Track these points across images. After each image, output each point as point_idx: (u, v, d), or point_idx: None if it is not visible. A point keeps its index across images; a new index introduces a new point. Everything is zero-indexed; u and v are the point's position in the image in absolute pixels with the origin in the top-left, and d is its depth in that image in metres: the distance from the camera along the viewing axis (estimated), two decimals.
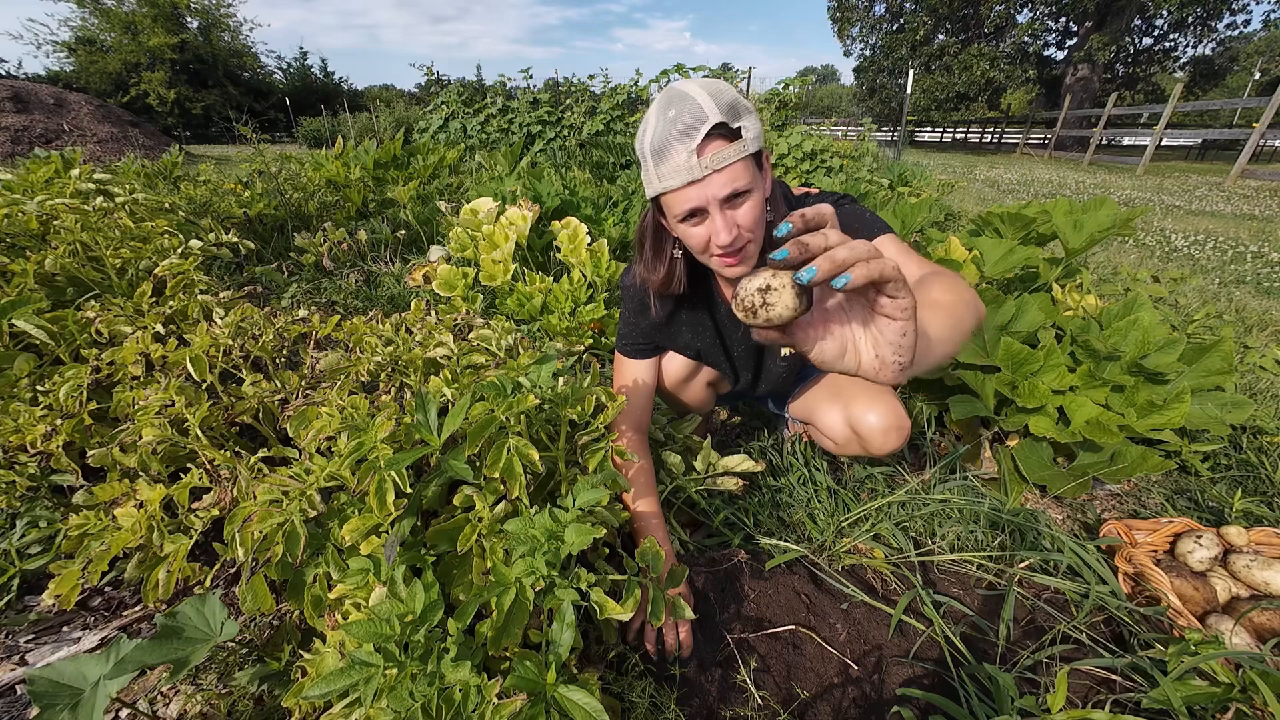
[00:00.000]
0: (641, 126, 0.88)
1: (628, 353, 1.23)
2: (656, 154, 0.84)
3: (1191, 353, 1.44)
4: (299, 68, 30.06)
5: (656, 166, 0.85)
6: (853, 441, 1.22)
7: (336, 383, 1.20)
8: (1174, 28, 19.31)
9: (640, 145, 0.87)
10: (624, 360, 1.23)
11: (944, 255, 1.66)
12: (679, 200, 0.86)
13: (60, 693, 0.65)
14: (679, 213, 0.88)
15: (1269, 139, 9.31)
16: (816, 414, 1.31)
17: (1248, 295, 3.02)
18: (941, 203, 4.69)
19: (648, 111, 0.87)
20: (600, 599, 0.75)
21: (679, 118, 0.81)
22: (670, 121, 0.81)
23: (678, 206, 0.87)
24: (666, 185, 0.85)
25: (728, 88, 0.84)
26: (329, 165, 4.05)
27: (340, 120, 15.87)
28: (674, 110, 0.81)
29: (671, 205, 0.88)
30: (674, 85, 0.86)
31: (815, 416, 1.31)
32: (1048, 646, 1.02)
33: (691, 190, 0.84)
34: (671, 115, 0.81)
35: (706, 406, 1.42)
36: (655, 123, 0.83)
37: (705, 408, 1.43)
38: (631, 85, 7.00)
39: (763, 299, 0.46)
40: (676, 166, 0.83)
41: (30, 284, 1.53)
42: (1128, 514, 1.42)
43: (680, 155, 0.82)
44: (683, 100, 0.81)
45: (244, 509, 0.85)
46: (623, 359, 1.24)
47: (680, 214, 0.88)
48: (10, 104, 8.56)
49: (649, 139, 0.84)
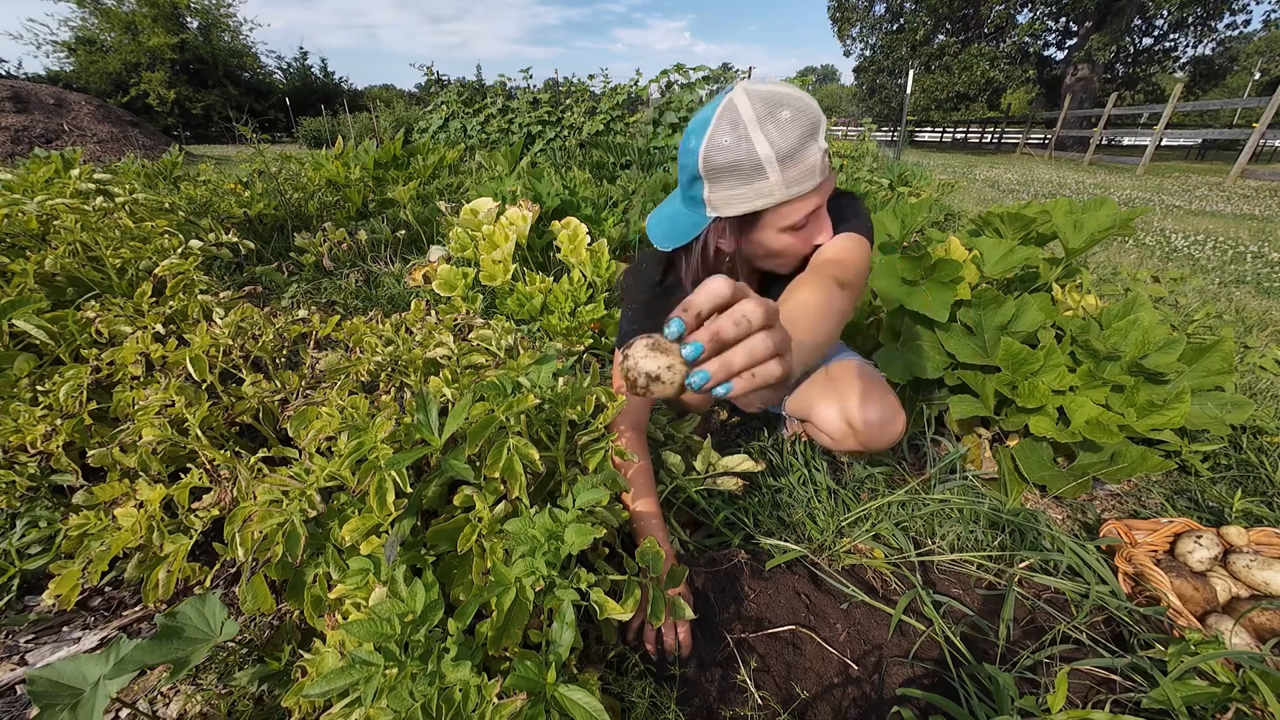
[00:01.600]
0: (734, 137, 0.78)
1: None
2: (787, 159, 0.77)
3: (1191, 353, 1.44)
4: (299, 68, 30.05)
5: (785, 172, 0.78)
6: (849, 437, 1.22)
7: (336, 383, 1.20)
8: (1174, 28, 19.31)
9: (749, 161, 0.78)
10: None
11: (944, 255, 1.66)
12: (801, 207, 0.81)
13: (60, 693, 0.65)
14: (797, 220, 0.83)
15: (1269, 139, 9.31)
16: (813, 410, 1.30)
17: (1248, 295, 3.02)
18: (941, 203, 4.69)
19: (739, 121, 0.77)
20: (600, 599, 0.75)
21: (799, 117, 0.75)
22: (790, 123, 0.75)
23: (796, 214, 0.82)
24: (798, 190, 0.79)
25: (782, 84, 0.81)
26: (329, 165, 4.05)
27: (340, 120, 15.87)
28: (787, 111, 0.75)
29: (789, 214, 0.83)
30: (754, 89, 0.77)
31: (811, 413, 1.31)
32: (1048, 646, 1.02)
33: (815, 195, 0.80)
34: (787, 116, 0.75)
35: (705, 405, 1.42)
36: (766, 128, 0.76)
37: (704, 406, 1.43)
38: (632, 85, 6.99)
39: (649, 382, 0.44)
40: (811, 167, 0.77)
41: (30, 284, 1.53)
42: (1128, 514, 1.42)
43: (815, 155, 0.76)
44: (789, 100, 0.75)
45: (244, 509, 0.85)
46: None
47: (799, 221, 0.84)
48: (10, 104, 8.56)
49: (767, 149, 0.76)
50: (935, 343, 1.64)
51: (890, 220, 1.98)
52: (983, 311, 1.58)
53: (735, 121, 0.78)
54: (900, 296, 1.62)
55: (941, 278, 1.59)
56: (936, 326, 1.62)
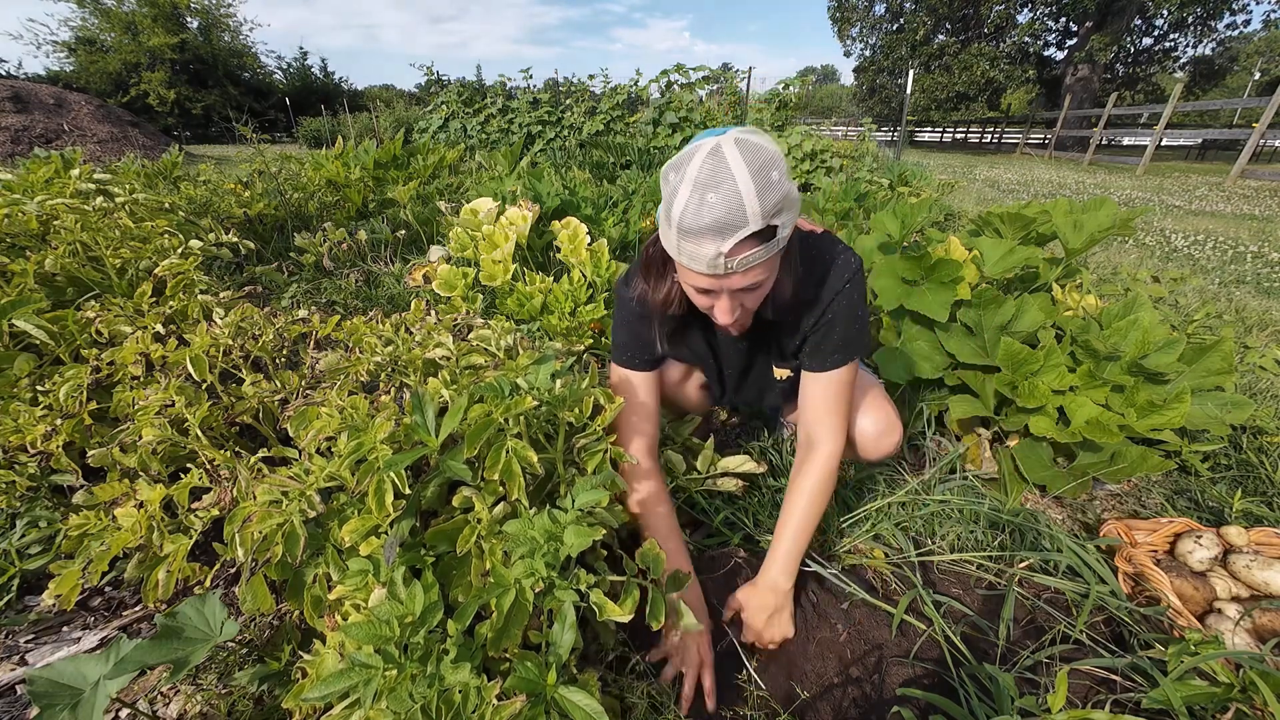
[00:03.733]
0: (672, 184, 0.76)
1: (629, 364, 1.11)
2: (684, 233, 0.75)
3: (1191, 353, 1.44)
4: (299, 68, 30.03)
5: (680, 241, 0.77)
6: (848, 447, 1.21)
7: (336, 383, 1.20)
8: (1174, 28, 19.29)
9: (667, 210, 0.77)
10: (625, 374, 1.12)
11: (944, 255, 1.66)
12: (693, 278, 0.82)
13: (60, 693, 0.65)
14: (690, 284, 0.85)
15: (1269, 139, 9.31)
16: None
17: (1248, 295, 3.02)
18: (941, 203, 4.69)
19: (683, 169, 0.74)
20: (599, 600, 0.75)
21: (716, 208, 0.71)
22: (706, 207, 0.72)
23: (690, 279, 0.84)
24: (685, 263, 0.79)
25: (778, 166, 0.74)
26: (329, 165, 4.05)
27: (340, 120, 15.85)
28: (713, 196, 0.71)
29: (684, 275, 0.85)
30: (721, 151, 0.72)
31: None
32: (1048, 646, 1.02)
33: (708, 280, 0.80)
34: (711, 200, 0.71)
35: (704, 408, 1.42)
36: (688, 198, 0.73)
37: (702, 409, 1.43)
38: (631, 85, 6.99)
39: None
40: (701, 256, 0.76)
41: (30, 284, 1.53)
42: (1128, 514, 1.42)
43: (708, 250, 0.74)
44: (726, 186, 0.71)
45: (244, 509, 0.85)
46: (624, 372, 1.12)
47: (691, 285, 0.86)
48: (10, 104, 8.56)
49: (678, 212, 0.74)
50: (935, 343, 1.63)
51: (890, 220, 1.97)
52: (983, 311, 1.58)
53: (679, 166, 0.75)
54: (900, 296, 1.62)
55: (941, 278, 1.59)
56: (936, 326, 1.62)
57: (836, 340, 1.01)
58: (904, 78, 17.19)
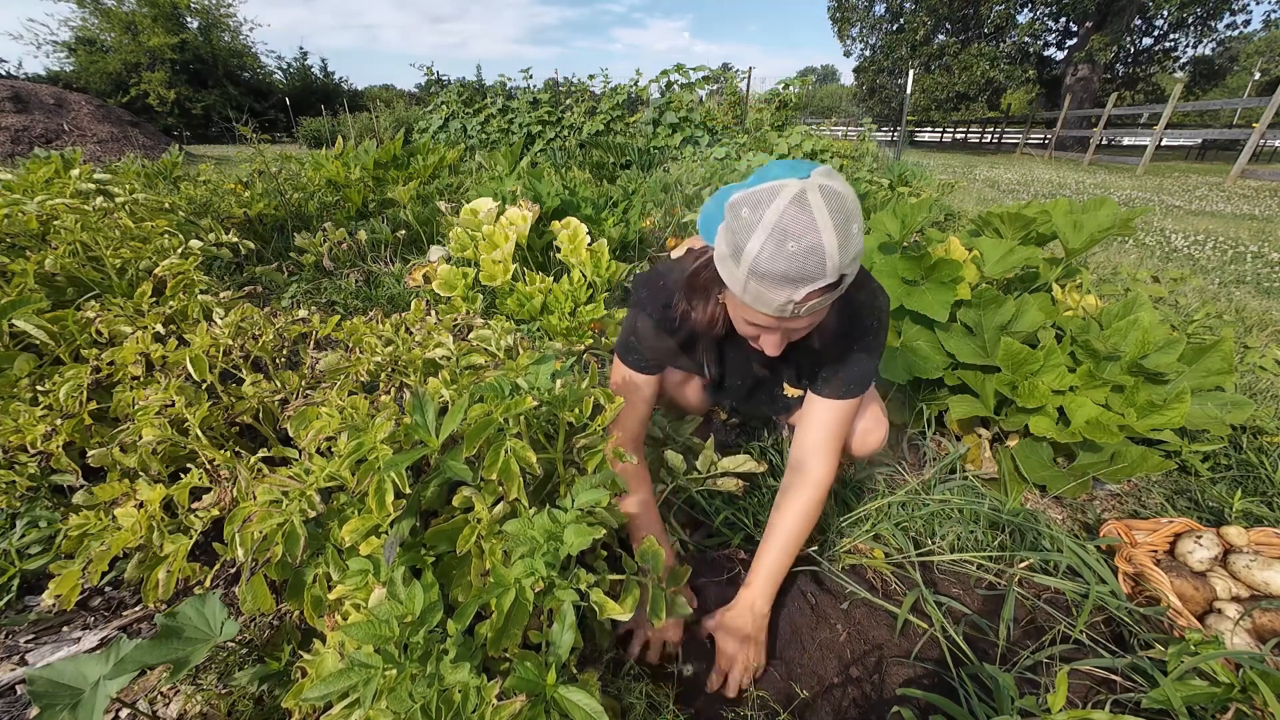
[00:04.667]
0: (746, 220, 0.72)
1: (633, 365, 1.13)
2: (757, 276, 0.73)
3: (1191, 353, 1.44)
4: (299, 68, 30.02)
5: (749, 282, 0.75)
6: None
7: (336, 383, 1.20)
8: (1174, 28, 19.29)
9: (737, 247, 0.74)
10: (630, 375, 1.14)
11: (944, 255, 1.66)
12: (752, 315, 0.81)
13: (60, 693, 0.65)
14: (746, 318, 0.84)
15: (1269, 139, 9.31)
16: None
17: (1248, 295, 3.02)
18: (941, 203, 4.69)
19: (761, 210, 0.71)
20: (600, 599, 0.75)
21: (796, 259, 0.70)
22: (785, 256, 0.70)
23: (749, 315, 0.82)
24: (748, 302, 0.78)
25: (857, 219, 0.72)
26: (329, 165, 4.05)
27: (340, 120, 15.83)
28: (794, 245, 0.69)
29: (742, 310, 0.83)
30: (806, 200, 0.69)
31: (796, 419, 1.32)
32: (1048, 646, 1.02)
33: (769, 320, 0.80)
34: (791, 250, 0.70)
35: (704, 408, 1.43)
36: (765, 242, 0.71)
37: (702, 409, 1.43)
38: (631, 85, 6.99)
39: None
40: (771, 302, 0.75)
41: (30, 284, 1.52)
42: (1128, 514, 1.42)
43: (779, 297, 0.74)
44: (809, 238, 0.69)
45: (244, 509, 0.85)
46: (628, 373, 1.14)
47: (745, 319, 0.85)
48: (10, 104, 8.55)
49: (752, 254, 0.72)
50: (935, 343, 1.63)
51: (890, 220, 1.97)
52: (983, 311, 1.58)
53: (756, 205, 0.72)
54: (900, 296, 1.62)
55: (941, 278, 1.59)
56: (936, 326, 1.62)
57: (856, 373, 1.03)
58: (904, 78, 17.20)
